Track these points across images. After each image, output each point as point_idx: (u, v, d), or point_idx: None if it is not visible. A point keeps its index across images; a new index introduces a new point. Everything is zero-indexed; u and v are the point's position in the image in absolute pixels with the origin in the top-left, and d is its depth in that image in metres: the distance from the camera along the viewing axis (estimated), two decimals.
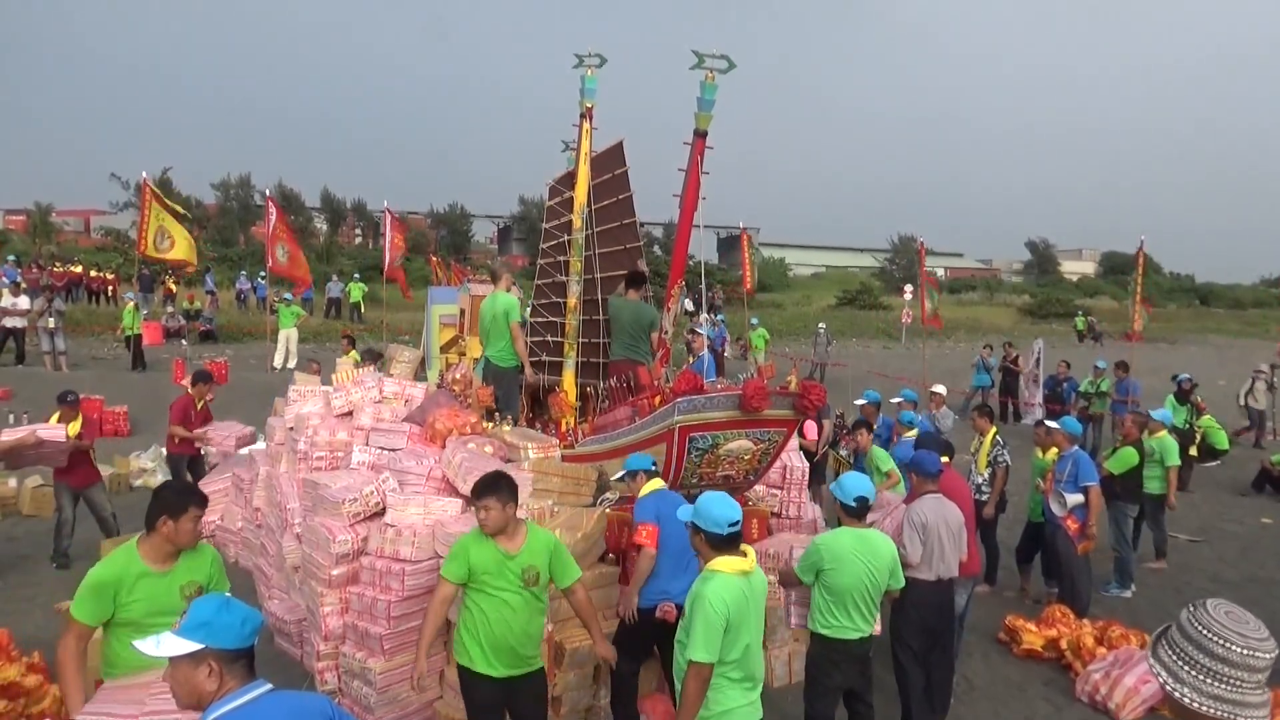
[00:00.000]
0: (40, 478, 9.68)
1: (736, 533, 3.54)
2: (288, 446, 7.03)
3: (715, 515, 3.51)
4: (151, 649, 2.30)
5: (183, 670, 2.29)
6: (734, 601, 3.41)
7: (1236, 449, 13.69)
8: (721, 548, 3.52)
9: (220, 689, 2.27)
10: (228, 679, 2.28)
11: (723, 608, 3.36)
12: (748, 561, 3.55)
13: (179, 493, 3.58)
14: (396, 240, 19.47)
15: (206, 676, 2.26)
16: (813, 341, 22.46)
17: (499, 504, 3.88)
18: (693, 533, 3.63)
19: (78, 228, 48.67)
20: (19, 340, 17.38)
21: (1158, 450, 8.32)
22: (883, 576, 4.40)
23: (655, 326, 7.07)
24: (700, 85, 6.32)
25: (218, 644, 2.27)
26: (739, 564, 3.51)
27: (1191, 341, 37.76)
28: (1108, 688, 5.60)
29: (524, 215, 55.08)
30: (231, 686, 2.27)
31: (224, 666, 2.27)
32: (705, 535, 3.54)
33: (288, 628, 6.02)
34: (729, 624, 3.38)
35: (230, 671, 2.28)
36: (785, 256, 59.70)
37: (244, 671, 2.31)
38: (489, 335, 7.34)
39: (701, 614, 3.37)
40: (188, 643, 2.26)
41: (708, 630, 3.34)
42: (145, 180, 15.56)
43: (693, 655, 3.36)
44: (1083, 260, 73.75)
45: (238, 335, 23.91)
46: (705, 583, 3.45)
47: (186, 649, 2.26)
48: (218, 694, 2.26)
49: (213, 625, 2.28)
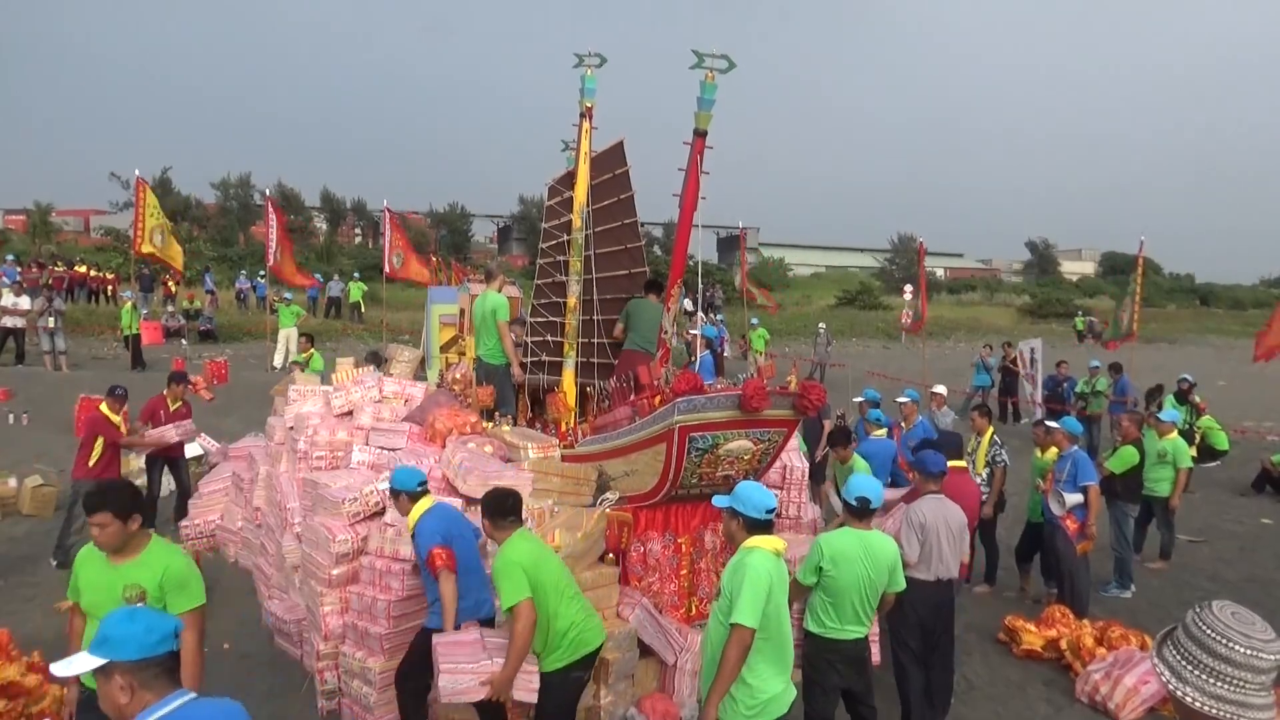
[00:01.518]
0: (40, 478, 9.68)
1: (771, 520, 3.75)
2: (288, 446, 7.03)
3: (755, 500, 3.72)
4: (64, 670, 2.31)
5: (100, 686, 2.27)
6: (775, 573, 3.61)
7: (1237, 449, 13.68)
8: (756, 532, 3.71)
9: (133, 702, 2.23)
10: (141, 691, 2.23)
11: (766, 576, 3.54)
12: (781, 543, 3.76)
13: (89, 496, 3.52)
14: (398, 240, 19.47)
15: (119, 690, 2.23)
16: (813, 341, 22.46)
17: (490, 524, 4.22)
18: (730, 516, 3.77)
19: (77, 228, 48.58)
20: (19, 340, 17.37)
21: (1170, 452, 8.32)
22: (882, 578, 4.39)
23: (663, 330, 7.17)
24: (700, 85, 6.31)
25: (120, 656, 2.22)
26: (775, 543, 3.72)
27: (1191, 341, 37.78)
28: (1108, 688, 5.60)
29: (524, 215, 55.03)
30: (148, 699, 2.23)
31: (134, 679, 2.23)
32: (744, 519, 3.71)
33: (288, 628, 6.02)
34: (770, 594, 3.55)
35: (142, 682, 2.23)
36: (785, 256, 59.66)
37: (162, 682, 2.26)
38: (479, 334, 7.45)
39: (749, 580, 3.51)
40: (93, 659, 2.24)
41: (754, 594, 3.49)
42: (139, 178, 15.58)
43: (738, 618, 3.48)
44: (1083, 260, 73.72)
45: (238, 335, 23.91)
46: (748, 554, 3.63)
47: (91, 665, 2.24)
48: (132, 707, 2.23)
49: (112, 639, 2.24)
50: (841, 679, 4.49)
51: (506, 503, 4.24)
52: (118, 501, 3.45)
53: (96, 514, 3.42)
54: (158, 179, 44.51)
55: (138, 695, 2.23)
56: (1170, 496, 8.34)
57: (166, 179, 45.47)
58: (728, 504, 3.80)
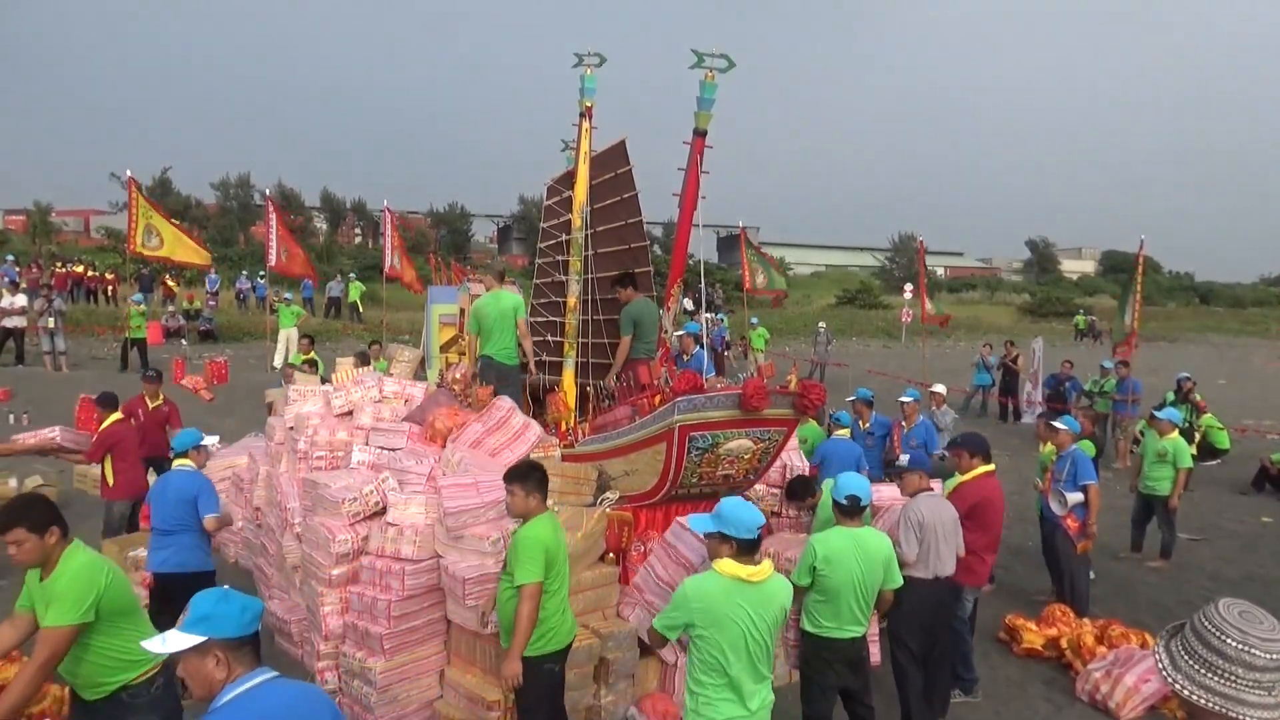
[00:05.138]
0: (40, 478, 9.67)
1: (759, 539, 3.50)
2: (288, 446, 7.03)
3: (745, 520, 3.44)
4: (159, 646, 2.41)
5: (192, 663, 2.39)
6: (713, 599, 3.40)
7: (1237, 447, 13.68)
8: (746, 553, 3.45)
9: (229, 676, 2.37)
10: (235, 666, 2.38)
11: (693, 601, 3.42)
12: (759, 571, 3.44)
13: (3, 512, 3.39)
14: (398, 242, 19.46)
15: (214, 666, 2.36)
16: (813, 341, 22.46)
17: (523, 491, 4.11)
18: (720, 541, 3.46)
19: (77, 228, 48.62)
20: (19, 340, 17.38)
21: (1171, 451, 8.30)
22: (877, 576, 4.39)
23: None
24: (700, 84, 6.32)
25: (220, 634, 2.36)
26: (742, 570, 3.40)
27: (1191, 340, 37.78)
28: (1108, 687, 5.60)
29: (524, 215, 55.03)
30: (239, 673, 2.38)
31: (229, 655, 2.37)
32: (737, 542, 3.43)
33: (288, 628, 6.02)
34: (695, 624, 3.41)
35: (236, 659, 2.38)
36: (785, 256, 59.67)
37: (250, 658, 2.42)
38: (492, 333, 7.13)
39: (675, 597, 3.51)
40: (191, 637, 2.36)
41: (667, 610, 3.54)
42: (130, 178, 15.59)
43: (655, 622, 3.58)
44: (1082, 259, 73.76)
45: (237, 335, 23.93)
46: (694, 578, 3.56)
47: (190, 643, 2.36)
48: (227, 681, 2.37)
49: (213, 618, 2.38)
50: (839, 678, 4.49)
51: (542, 477, 4.25)
52: (30, 516, 3.32)
53: (7, 532, 3.28)
54: (158, 179, 44.56)
55: (232, 670, 2.37)
56: (1170, 496, 8.33)
57: (166, 179, 45.49)
58: (715, 529, 3.47)
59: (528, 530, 4.06)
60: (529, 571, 3.92)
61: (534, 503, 4.13)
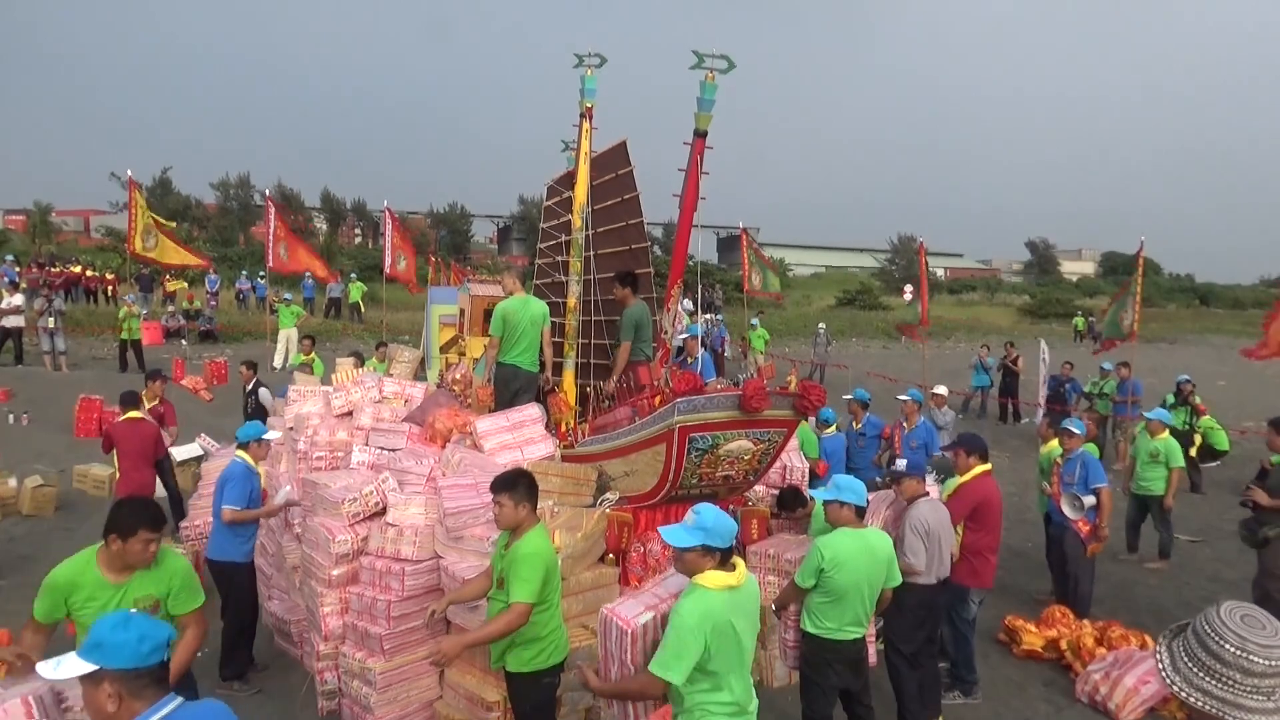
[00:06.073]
0: (40, 478, 9.68)
1: (733, 545, 3.40)
2: (288, 446, 7.03)
3: (726, 531, 3.32)
4: (50, 672, 2.23)
5: (87, 691, 2.21)
6: (717, 618, 3.21)
7: (1237, 449, 13.66)
8: (726, 562, 3.34)
9: (120, 710, 2.17)
10: (129, 700, 2.18)
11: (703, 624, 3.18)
12: (740, 574, 3.35)
13: (133, 513, 3.44)
14: (399, 242, 19.45)
15: (106, 699, 2.17)
16: (812, 342, 22.45)
17: (512, 502, 3.90)
18: (703, 554, 3.29)
19: (77, 228, 48.68)
20: (18, 340, 17.37)
21: (1163, 451, 8.31)
22: (881, 576, 4.41)
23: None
24: (700, 85, 6.31)
25: (111, 664, 2.17)
26: (731, 579, 3.31)
27: (1191, 341, 37.75)
28: (1108, 688, 5.61)
29: (524, 215, 55.10)
30: (137, 708, 2.18)
31: (124, 688, 2.17)
32: (720, 553, 3.31)
33: (288, 628, 6.02)
34: (707, 645, 3.19)
35: (132, 692, 2.18)
36: (785, 256, 59.67)
37: (152, 691, 2.21)
38: (521, 340, 6.83)
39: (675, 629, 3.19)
40: (83, 664, 2.19)
41: (674, 652, 3.17)
42: (130, 178, 15.61)
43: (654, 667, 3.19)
44: (1082, 260, 73.79)
45: (238, 335, 23.91)
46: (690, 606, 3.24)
47: (81, 670, 2.19)
48: (119, 716, 2.18)
49: (105, 645, 2.18)
50: (839, 679, 4.49)
51: (531, 485, 4.05)
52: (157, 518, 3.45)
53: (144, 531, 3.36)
54: (158, 179, 44.60)
55: (125, 704, 2.18)
56: (1165, 496, 8.34)
57: (166, 179, 45.53)
58: (700, 542, 3.27)
59: (529, 546, 3.88)
60: (528, 590, 3.78)
61: (524, 513, 3.93)
